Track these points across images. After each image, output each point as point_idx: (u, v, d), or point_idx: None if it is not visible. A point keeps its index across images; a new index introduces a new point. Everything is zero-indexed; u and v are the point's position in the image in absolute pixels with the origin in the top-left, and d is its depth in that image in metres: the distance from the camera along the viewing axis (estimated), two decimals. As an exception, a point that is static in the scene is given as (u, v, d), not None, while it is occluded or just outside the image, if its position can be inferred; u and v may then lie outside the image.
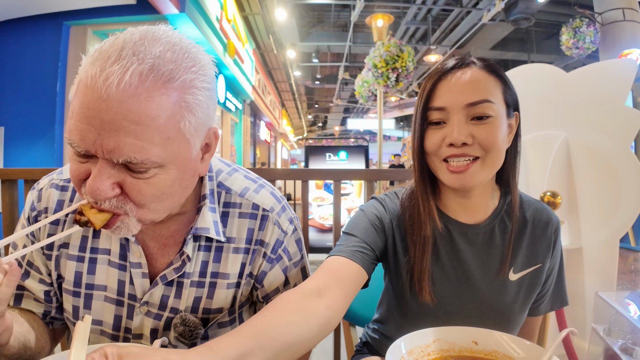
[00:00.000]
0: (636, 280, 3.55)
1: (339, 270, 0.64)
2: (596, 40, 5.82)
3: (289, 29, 8.46)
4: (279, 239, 0.66)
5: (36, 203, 0.67)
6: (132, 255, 0.62)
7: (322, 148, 5.61)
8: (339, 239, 0.72)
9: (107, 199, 0.49)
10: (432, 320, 0.71)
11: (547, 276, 0.75)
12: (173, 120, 0.49)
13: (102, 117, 0.45)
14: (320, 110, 19.65)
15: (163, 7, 4.46)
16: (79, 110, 0.47)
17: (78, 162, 0.50)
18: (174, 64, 0.48)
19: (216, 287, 0.64)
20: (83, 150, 0.48)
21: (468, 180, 0.65)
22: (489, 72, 0.67)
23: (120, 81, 0.45)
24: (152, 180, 0.50)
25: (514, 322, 0.72)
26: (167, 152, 0.50)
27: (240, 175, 0.70)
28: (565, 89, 1.65)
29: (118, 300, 0.64)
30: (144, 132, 0.47)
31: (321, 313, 0.55)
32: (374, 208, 0.75)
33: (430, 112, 0.67)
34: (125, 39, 0.48)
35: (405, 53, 4.68)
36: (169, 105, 0.48)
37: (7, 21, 4.66)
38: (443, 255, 0.71)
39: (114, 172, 0.49)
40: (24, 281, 0.66)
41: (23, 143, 4.63)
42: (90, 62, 0.47)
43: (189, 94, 0.50)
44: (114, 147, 0.46)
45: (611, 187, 1.57)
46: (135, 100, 0.46)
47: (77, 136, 0.47)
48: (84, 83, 0.47)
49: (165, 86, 0.48)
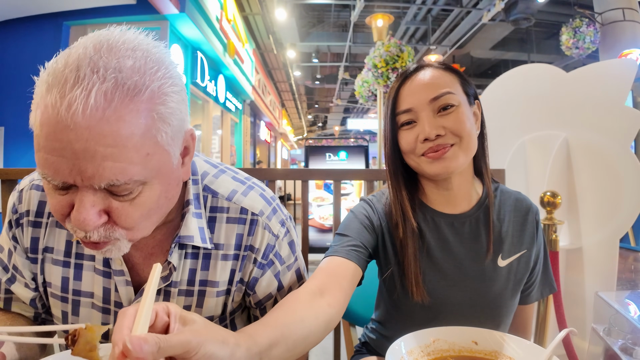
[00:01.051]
0: (636, 280, 3.55)
1: (337, 270, 0.66)
2: (596, 40, 5.82)
3: (289, 29, 8.45)
4: (269, 244, 0.64)
5: (17, 205, 0.64)
6: (114, 263, 0.60)
7: (322, 148, 5.62)
8: (333, 240, 0.75)
9: (96, 228, 0.46)
10: (426, 311, 0.73)
11: (535, 263, 0.77)
12: (149, 135, 0.46)
13: (74, 148, 0.42)
14: (320, 111, 19.65)
15: (163, 7, 4.46)
16: (45, 143, 0.43)
17: (57, 196, 0.47)
18: (137, 74, 0.44)
19: (205, 295, 0.62)
20: (60, 182, 0.44)
21: (449, 163, 0.69)
22: (444, 69, 0.73)
23: (86, 107, 0.41)
24: (138, 201, 0.48)
25: (506, 308, 0.74)
26: (149, 169, 0.47)
27: (227, 177, 0.66)
28: (565, 89, 1.65)
29: (104, 308, 0.62)
30: (121, 153, 0.43)
31: (325, 311, 0.57)
32: (363, 209, 0.78)
33: (399, 116, 0.72)
34: (79, 55, 0.43)
35: (405, 53, 4.67)
36: (142, 121, 0.45)
37: (7, 21, 4.66)
38: (432, 247, 0.74)
39: (97, 199, 0.45)
40: (10, 286, 0.65)
41: (23, 143, 4.63)
42: (45, 88, 0.43)
43: (159, 104, 0.46)
44: (93, 173, 0.43)
45: (611, 187, 1.57)
46: (105, 123, 0.42)
47: (49, 170, 0.43)
48: (44, 113, 0.42)
49: (133, 101, 0.44)
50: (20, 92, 4.63)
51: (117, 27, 0.48)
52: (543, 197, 1.30)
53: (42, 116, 0.43)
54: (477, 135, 0.73)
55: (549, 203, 1.30)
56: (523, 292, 0.78)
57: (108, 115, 0.42)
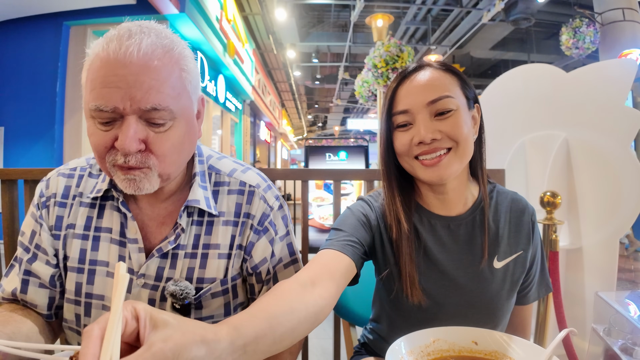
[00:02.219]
0: (636, 280, 3.55)
1: (331, 263, 0.65)
2: (596, 40, 5.82)
3: (289, 29, 8.45)
4: (265, 213, 0.72)
5: (44, 190, 0.73)
6: (129, 231, 0.68)
7: (322, 148, 5.62)
8: (329, 234, 0.74)
9: (137, 152, 0.58)
10: (423, 311, 0.72)
11: (531, 264, 0.77)
12: (180, 79, 0.60)
13: (127, 80, 0.55)
14: (320, 111, 19.65)
15: (163, 7, 4.46)
16: (103, 79, 0.55)
17: (101, 132, 0.58)
18: (167, 38, 0.60)
19: (208, 257, 0.70)
20: (111, 108, 0.55)
21: (443, 171, 0.68)
22: (444, 71, 0.70)
23: (139, 51, 0.55)
24: (169, 133, 0.60)
25: (502, 309, 0.74)
26: (179, 106, 0.60)
27: (228, 161, 0.78)
28: (565, 89, 1.65)
29: None
30: (162, 85, 0.57)
31: (316, 302, 0.57)
32: (361, 207, 0.78)
33: (395, 117, 0.71)
34: (127, 25, 0.59)
35: (405, 53, 4.67)
36: (175, 68, 0.60)
37: (7, 21, 4.66)
38: (429, 248, 0.73)
39: (139, 128, 0.57)
40: (32, 264, 0.70)
41: (23, 143, 4.63)
42: (105, 42, 0.56)
43: (184, 62, 0.62)
44: (142, 96, 0.55)
45: (611, 187, 1.57)
46: (152, 63, 0.56)
47: (103, 99, 0.55)
48: (103, 58, 0.55)
49: (169, 54, 0.59)
50: (21, 92, 4.63)
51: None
52: (543, 197, 1.30)
53: (102, 61, 0.55)
54: (474, 140, 0.72)
55: (549, 203, 1.30)
56: (520, 293, 0.78)
57: (153, 57, 0.57)
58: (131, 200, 0.70)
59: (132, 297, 0.67)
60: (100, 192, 0.69)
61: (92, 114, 0.57)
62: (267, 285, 0.73)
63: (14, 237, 1.47)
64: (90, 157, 0.76)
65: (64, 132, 4.64)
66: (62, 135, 4.64)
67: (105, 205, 0.71)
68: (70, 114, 4.65)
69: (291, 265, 0.76)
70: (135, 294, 0.68)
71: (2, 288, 0.72)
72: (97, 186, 0.71)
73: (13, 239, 1.47)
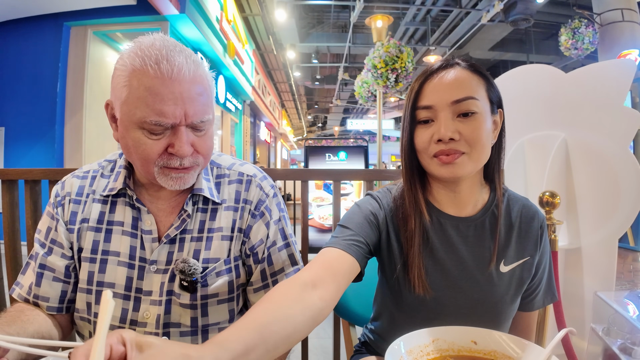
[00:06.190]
0: (635, 280, 3.56)
1: (333, 263, 0.65)
2: (595, 40, 5.83)
3: (289, 29, 8.45)
4: (261, 199, 0.80)
5: (60, 191, 0.80)
6: (144, 224, 0.75)
7: (321, 148, 5.61)
8: (334, 231, 0.74)
9: (189, 155, 0.68)
10: (425, 311, 0.72)
11: (537, 270, 0.76)
12: (212, 92, 0.71)
13: (183, 96, 0.64)
14: (320, 111, 19.64)
15: (163, 7, 4.46)
16: (162, 98, 0.63)
17: (152, 141, 0.66)
18: (189, 51, 0.68)
19: (212, 239, 0.76)
20: (170, 123, 0.64)
21: (457, 170, 0.69)
22: (472, 72, 0.71)
23: (188, 69, 0.64)
24: (207, 136, 0.71)
25: (505, 313, 0.74)
26: (212, 114, 0.71)
27: (228, 156, 0.88)
28: (564, 90, 1.65)
29: (130, 263, 0.74)
30: (204, 100, 0.67)
31: (315, 304, 0.56)
32: (369, 204, 0.77)
33: (418, 112, 0.71)
34: (161, 38, 0.66)
35: (404, 54, 4.67)
36: (208, 83, 0.70)
37: (7, 21, 4.66)
38: (436, 247, 0.73)
39: (189, 135, 0.67)
40: (47, 258, 0.75)
41: (23, 143, 4.63)
42: (151, 61, 0.62)
43: (210, 78, 0.71)
44: (194, 112, 0.65)
45: (610, 187, 1.58)
46: (197, 79, 0.66)
47: (164, 115, 0.63)
48: (154, 79, 0.62)
49: (201, 68, 0.68)
50: (21, 93, 4.63)
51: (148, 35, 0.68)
52: (542, 197, 1.31)
53: (157, 80, 0.62)
54: (491, 145, 0.72)
55: (547, 203, 1.30)
56: (526, 299, 0.78)
57: (196, 75, 0.66)
58: (144, 197, 0.77)
59: (144, 282, 0.74)
60: (113, 191, 0.76)
61: (144, 126, 0.64)
62: (262, 264, 0.79)
63: (14, 237, 1.47)
64: (101, 161, 0.84)
65: (64, 132, 4.64)
66: (63, 135, 4.64)
67: (117, 202, 0.77)
68: (71, 114, 4.65)
69: (284, 248, 0.81)
70: (147, 280, 0.74)
71: (19, 285, 0.77)
72: (109, 185, 0.78)
73: (13, 239, 1.47)
